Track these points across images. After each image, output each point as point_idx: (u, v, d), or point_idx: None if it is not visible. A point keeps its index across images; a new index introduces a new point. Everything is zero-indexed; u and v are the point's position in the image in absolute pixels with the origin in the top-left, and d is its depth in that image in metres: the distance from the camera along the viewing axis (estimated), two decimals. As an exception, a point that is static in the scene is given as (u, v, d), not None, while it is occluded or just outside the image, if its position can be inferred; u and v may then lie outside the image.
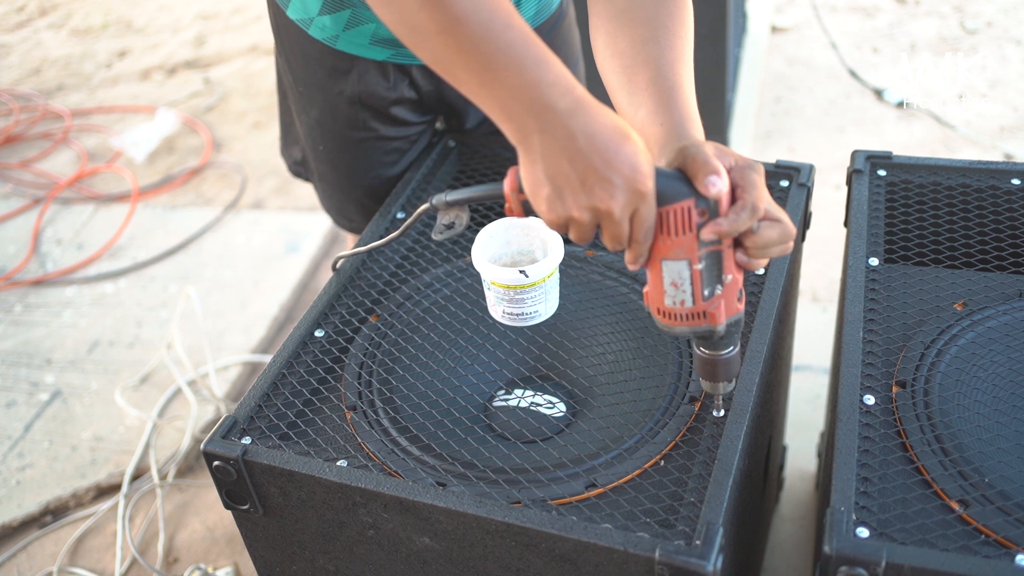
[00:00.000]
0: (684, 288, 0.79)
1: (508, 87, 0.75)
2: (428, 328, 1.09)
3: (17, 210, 2.94)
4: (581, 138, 0.73)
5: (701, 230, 0.77)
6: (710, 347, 0.84)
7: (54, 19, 4.44)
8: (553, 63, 0.76)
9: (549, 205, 0.77)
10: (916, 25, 3.28)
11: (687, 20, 0.98)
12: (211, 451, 0.92)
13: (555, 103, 0.74)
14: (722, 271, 0.79)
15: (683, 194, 0.76)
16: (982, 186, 1.17)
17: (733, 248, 0.79)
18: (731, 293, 0.80)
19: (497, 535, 0.83)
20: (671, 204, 0.76)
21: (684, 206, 0.76)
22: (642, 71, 0.92)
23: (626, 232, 0.77)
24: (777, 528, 1.65)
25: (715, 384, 0.87)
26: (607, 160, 0.73)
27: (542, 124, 0.75)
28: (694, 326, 0.81)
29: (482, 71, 0.75)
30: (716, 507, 0.80)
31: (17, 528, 1.87)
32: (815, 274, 2.24)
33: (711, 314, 0.80)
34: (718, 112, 2.60)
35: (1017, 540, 0.77)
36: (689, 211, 0.76)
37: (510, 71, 0.74)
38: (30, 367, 2.27)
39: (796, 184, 1.20)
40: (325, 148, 1.32)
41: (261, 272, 2.50)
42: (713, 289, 0.79)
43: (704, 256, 0.78)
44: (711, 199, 0.76)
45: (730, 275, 0.79)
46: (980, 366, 0.96)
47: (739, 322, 0.83)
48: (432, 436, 0.95)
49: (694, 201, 0.76)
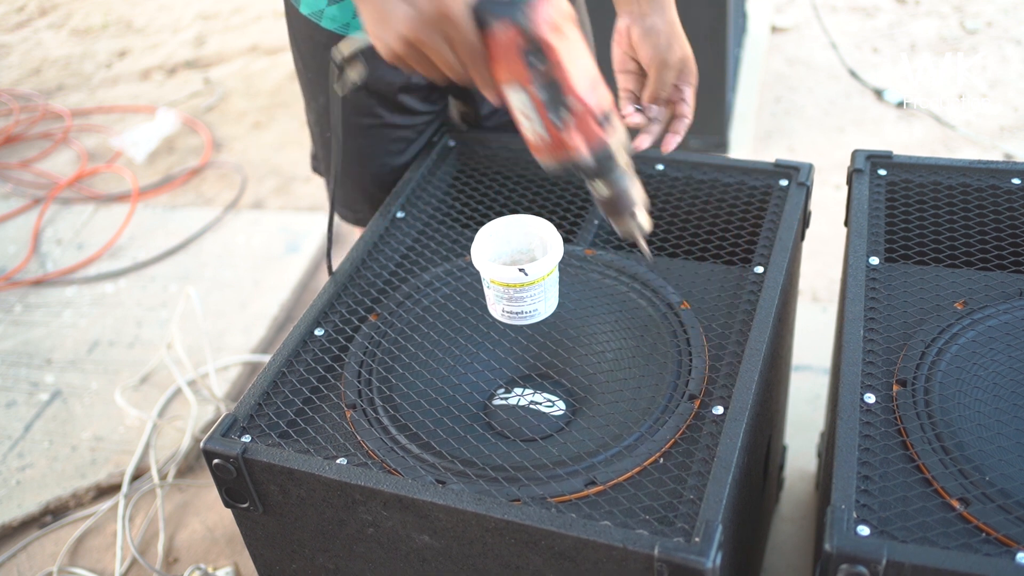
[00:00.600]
0: (533, 118, 0.76)
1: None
2: (428, 327, 1.09)
3: (17, 210, 2.94)
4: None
5: (526, 54, 0.73)
6: (593, 177, 0.80)
7: (54, 19, 4.44)
8: None
9: (379, 45, 0.80)
10: (916, 25, 3.28)
11: None
12: (211, 449, 0.92)
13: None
14: (562, 94, 0.74)
15: (502, 15, 0.73)
16: (982, 186, 1.17)
17: (566, 72, 0.75)
18: (584, 120, 0.75)
19: (497, 533, 0.83)
20: (490, 27, 0.74)
21: (503, 30, 0.73)
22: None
23: (451, 58, 0.76)
24: (777, 528, 1.65)
25: (621, 220, 0.83)
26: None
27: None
28: (561, 160, 0.78)
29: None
30: (715, 505, 0.80)
31: (17, 528, 1.87)
32: (815, 274, 2.24)
33: (568, 144, 0.76)
34: (718, 112, 2.60)
35: (1018, 538, 0.77)
36: (507, 33, 0.73)
37: None
38: (30, 367, 2.27)
39: (796, 183, 1.20)
40: (332, 136, 1.32)
41: (261, 272, 2.50)
42: (559, 115, 0.75)
43: (536, 80, 0.74)
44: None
45: (571, 97, 0.75)
46: (980, 365, 0.96)
47: (608, 151, 0.78)
48: (432, 434, 0.95)
49: (511, 21, 0.73)
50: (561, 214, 1.25)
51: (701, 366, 0.97)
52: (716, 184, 1.23)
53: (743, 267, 1.12)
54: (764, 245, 1.12)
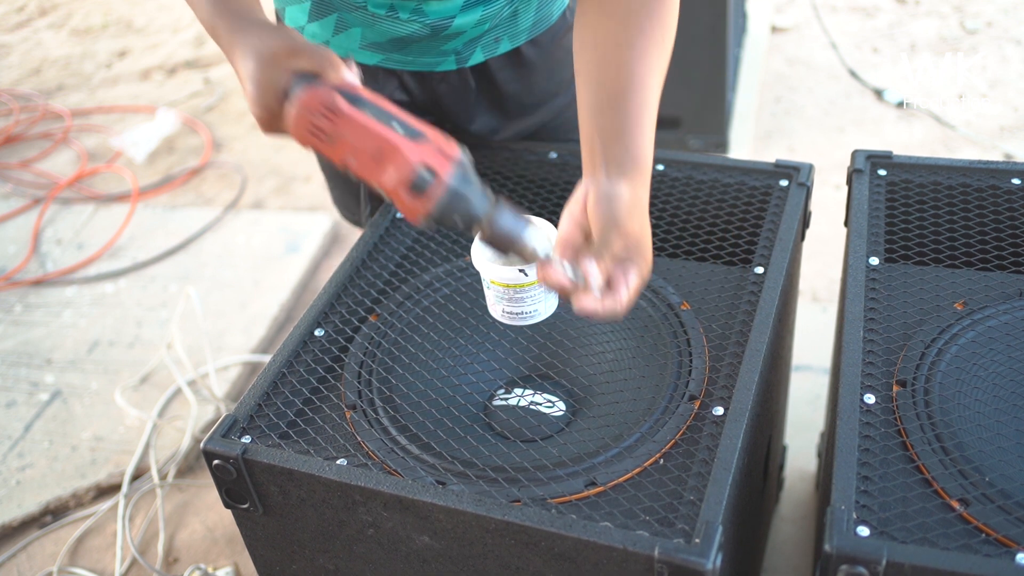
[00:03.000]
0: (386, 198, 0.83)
1: (202, 23, 0.93)
2: (428, 327, 1.09)
3: (17, 210, 2.94)
4: (235, 54, 0.87)
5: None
6: (465, 234, 0.87)
7: (54, 19, 4.44)
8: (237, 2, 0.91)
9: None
10: (916, 25, 3.28)
11: (670, 26, 0.97)
12: (211, 450, 0.92)
13: (228, 35, 0.89)
14: (369, 179, 0.81)
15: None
16: (982, 186, 1.17)
17: (352, 166, 0.80)
18: (398, 199, 0.80)
19: (497, 534, 0.83)
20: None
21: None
22: (614, 75, 0.93)
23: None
24: (777, 528, 1.65)
25: (515, 255, 0.84)
26: (240, 72, 0.86)
27: (220, 46, 0.91)
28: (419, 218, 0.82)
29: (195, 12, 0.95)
30: (715, 505, 0.80)
31: (17, 528, 1.87)
32: (815, 274, 2.24)
33: (410, 218, 0.81)
34: (718, 112, 2.60)
35: (1018, 539, 0.77)
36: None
37: (199, 10, 0.93)
38: (30, 367, 2.27)
39: (796, 184, 1.20)
40: None
41: (261, 272, 2.50)
42: (384, 195, 0.81)
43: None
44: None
45: (379, 187, 0.80)
46: (980, 365, 0.96)
47: (444, 211, 0.80)
48: (432, 435, 0.95)
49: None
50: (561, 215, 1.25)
51: (701, 367, 0.97)
52: (716, 184, 1.23)
53: (743, 267, 1.12)
54: (764, 246, 1.12)
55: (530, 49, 1.24)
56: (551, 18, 1.24)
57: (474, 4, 1.13)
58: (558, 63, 1.28)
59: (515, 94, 1.28)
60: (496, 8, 1.15)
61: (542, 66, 1.27)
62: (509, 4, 1.16)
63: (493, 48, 1.22)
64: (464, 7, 1.13)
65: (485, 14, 1.15)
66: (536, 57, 1.26)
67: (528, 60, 1.25)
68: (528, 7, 1.19)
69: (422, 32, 1.15)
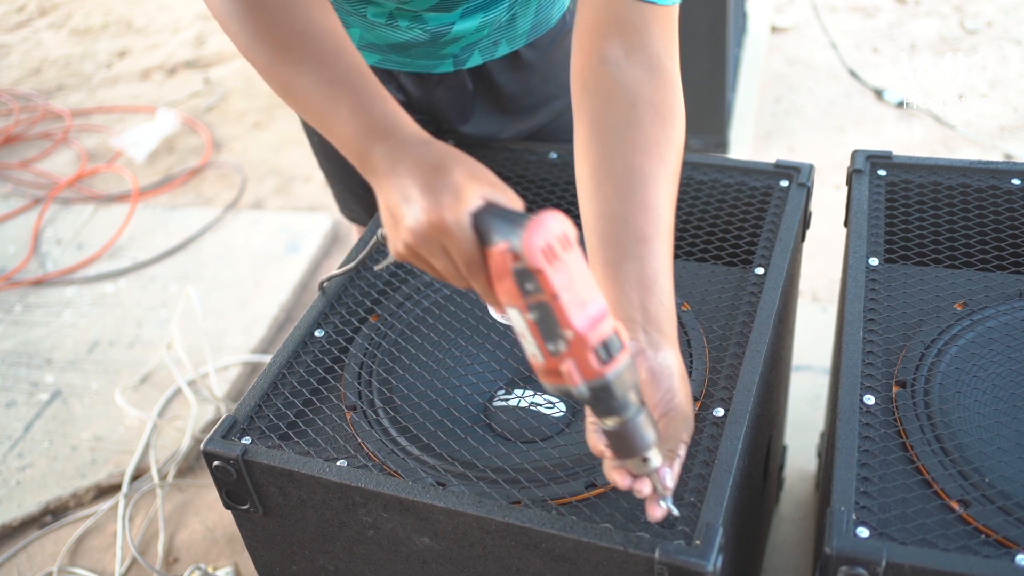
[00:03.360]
0: (529, 340, 0.71)
1: (339, 138, 0.82)
2: (428, 328, 1.09)
3: (17, 210, 2.94)
4: (395, 172, 0.75)
5: (521, 281, 0.68)
6: (602, 417, 0.73)
7: (54, 19, 4.44)
8: (378, 106, 0.80)
9: (389, 240, 0.79)
10: (916, 25, 3.28)
11: (681, 151, 0.93)
12: (211, 451, 0.92)
13: (377, 144, 0.78)
14: (557, 325, 0.68)
15: (501, 235, 0.69)
16: (982, 186, 1.17)
17: (562, 300, 0.68)
18: (579, 351, 0.69)
19: (497, 535, 0.83)
20: (491, 246, 0.70)
21: (500, 249, 0.69)
22: (641, 216, 0.87)
23: (451, 268, 0.73)
24: (777, 528, 1.65)
25: (629, 463, 0.75)
26: (411, 194, 0.73)
27: (371, 163, 0.79)
28: (555, 384, 0.72)
29: (321, 125, 0.84)
30: (716, 507, 0.80)
31: (17, 528, 1.87)
32: (815, 274, 2.24)
33: (563, 373, 0.70)
34: (718, 112, 2.60)
35: (1017, 540, 0.77)
36: (504, 255, 0.69)
37: (336, 125, 0.81)
38: (30, 367, 2.27)
39: (796, 184, 1.20)
40: (320, 140, 1.33)
41: (261, 272, 2.50)
42: (556, 345, 0.69)
43: (532, 306, 0.69)
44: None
45: (569, 331, 0.68)
46: (980, 366, 0.96)
47: (607, 387, 0.70)
48: (432, 436, 0.95)
49: (508, 244, 0.68)
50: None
51: (701, 368, 0.97)
52: (716, 185, 1.23)
53: (743, 268, 1.12)
54: (764, 246, 1.12)
55: (529, 52, 1.24)
56: (550, 21, 1.24)
57: (473, 11, 1.13)
58: (557, 66, 1.28)
59: (513, 96, 1.28)
60: (496, 14, 1.15)
61: (541, 69, 1.27)
62: (508, 9, 1.16)
63: (491, 51, 1.21)
64: (463, 14, 1.13)
65: (485, 20, 1.15)
66: (535, 60, 1.25)
67: (527, 63, 1.25)
68: (526, 11, 1.19)
69: (422, 38, 1.15)
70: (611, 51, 0.92)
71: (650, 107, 0.91)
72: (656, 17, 0.92)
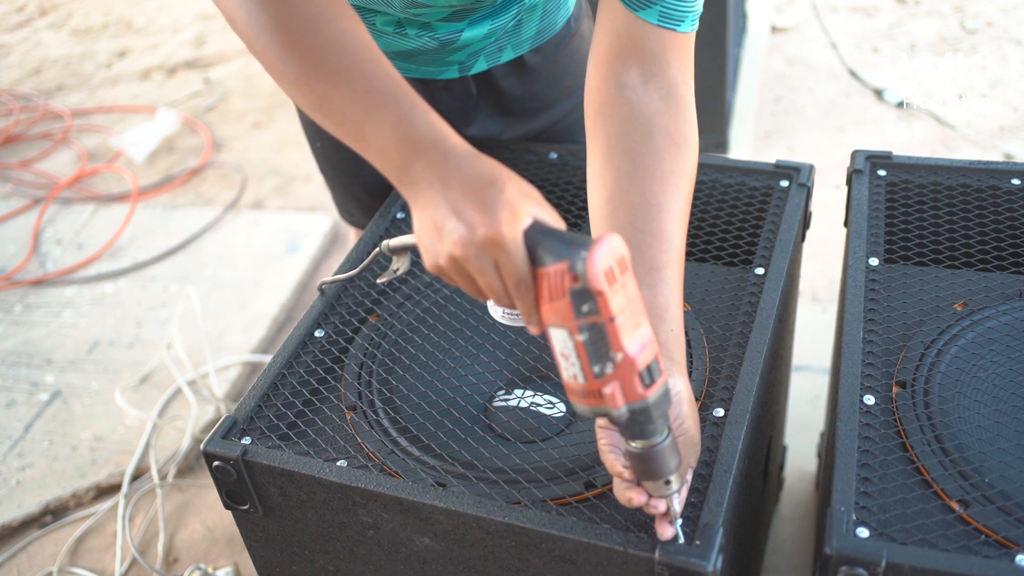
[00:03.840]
0: (572, 361, 0.70)
1: (377, 150, 0.78)
2: (428, 328, 1.09)
3: (17, 210, 2.94)
4: (444, 185, 0.73)
5: (579, 302, 0.67)
6: (631, 439, 0.73)
7: (54, 19, 4.44)
8: (421, 118, 0.77)
9: (425, 255, 0.75)
10: (916, 25, 3.28)
11: (694, 179, 0.93)
12: (211, 451, 0.92)
13: (421, 156, 0.75)
14: (609, 347, 0.68)
15: (558, 255, 0.68)
16: (982, 186, 1.17)
17: (618, 323, 0.68)
18: (626, 374, 0.69)
19: (497, 535, 0.83)
20: (544, 266, 0.69)
21: (557, 269, 0.68)
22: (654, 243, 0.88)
23: (498, 285, 0.71)
24: (777, 528, 1.65)
25: (651, 484, 0.75)
26: (464, 205, 0.71)
27: (413, 176, 0.75)
28: (593, 406, 0.71)
29: (357, 137, 0.80)
30: (716, 508, 0.80)
31: (17, 528, 1.87)
32: (815, 274, 2.24)
33: (605, 396, 0.70)
34: (718, 112, 2.60)
35: (1017, 540, 0.77)
36: (562, 275, 0.67)
37: (375, 136, 0.77)
38: (30, 367, 2.27)
39: (796, 184, 1.20)
40: (322, 145, 1.33)
41: (261, 272, 2.50)
42: (603, 367, 0.69)
43: (585, 327, 0.68)
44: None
45: (620, 353, 0.68)
46: (980, 366, 0.96)
47: (647, 410, 0.71)
48: (432, 436, 0.95)
49: (567, 265, 0.67)
50: (561, 215, 1.25)
51: (702, 368, 0.97)
52: (716, 185, 1.23)
53: (743, 268, 1.12)
54: (765, 246, 1.12)
55: (533, 57, 1.24)
56: (555, 27, 1.24)
57: (481, 18, 1.13)
58: (561, 70, 1.28)
59: (517, 100, 1.28)
60: (504, 21, 1.15)
61: (545, 73, 1.27)
62: (515, 16, 1.16)
63: (496, 57, 1.21)
64: (472, 22, 1.13)
65: (493, 27, 1.15)
66: (539, 64, 1.25)
67: (531, 68, 1.25)
68: (532, 17, 1.19)
69: (430, 46, 1.15)
70: (628, 77, 0.93)
71: (666, 135, 0.91)
72: (675, 44, 0.92)
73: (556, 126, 1.33)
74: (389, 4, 1.07)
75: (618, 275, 0.67)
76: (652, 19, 0.90)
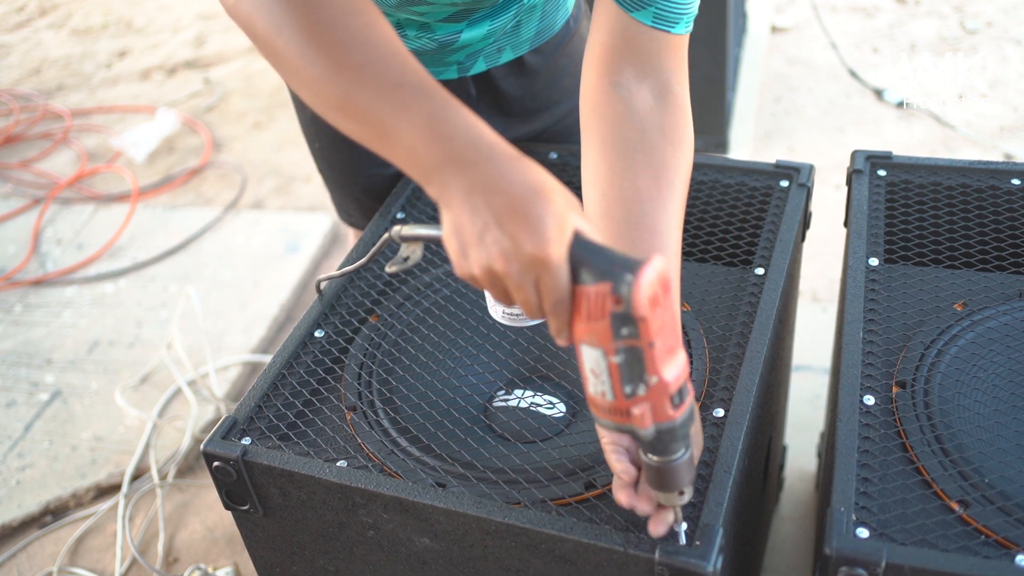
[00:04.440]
0: (603, 379, 0.69)
1: (405, 148, 0.73)
2: (428, 328, 1.09)
3: (17, 210, 2.94)
4: (484, 192, 0.68)
5: (618, 325, 0.66)
6: (650, 452, 0.73)
7: (54, 19, 4.44)
8: (455, 115, 0.72)
9: (456, 259, 0.72)
10: (916, 25, 3.28)
11: (689, 175, 0.93)
12: (211, 452, 0.92)
13: (458, 155, 0.70)
14: (645, 370, 0.67)
15: (600, 275, 0.66)
16: (982, 186, 1.17)
17: (657, 348, 0.67)
18: (659, 396, 0.68)
19: (497, 536, 0.83)
20: (585, 283, 0.67)
21: (599, 290, 0.66)
22: (648, 239, 0.88)
23: (534, 300, 0.69)
24: (777, 528, 1.65)
25: (664, 494, 0.75)
26: (508, 217, 0.67)
27: (446, 179, 0.71)
28: (618, 423, 0.71)
29: (383, 135, 0.74)
30: (716, 508, 0.80)
31: (17, 528, 1.87)
32: (815, 274, 2.24)
33: (634, 415, 0.69)
34: (718, 112, 2.60)
35: (1017, 540, 0.77)
36: (604, 297, 0.66)
37: (405, 133, 0.72)
38: (30, 367, 2.27)
39: (796, 184, 1.20)
40: (321, 146, 1.33)
41: (261, 272, 2.50)
42: (635, 388, 0.68)
43: (622, 349, 0.67)
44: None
45: (655, 376, 0.67)
46: (980, 366, 0.96)
47: (673, 430, 0.71)
48: (432, 437, 0.95)
49: (611, 286, 0.65)
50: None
51: (702, 368, 0.97)
52: (716, 185, 1.23)
53: (743, 269, 1.12)
54: (765, 247, 1.12)
55: (532, 58, 1.24)
56: (554, 27, 1.24)
57: (480, 19, 1.13)
58: (560, 71, 1.28)
59: (517, 101, 1.28)
60: (503, 21, 1.15)
61: (544, 74, 1.27)
62: (514, 17, 1.16)
63: (495, 58, 1.21)
64: (471, 23, 1.13)
65: (492, 28, 1.15)
66: (539, 65, 1.25)
67: (530, 68, 1.25)
68: (531, 18, 1.19)
69: (428, 47, 1.15)
70: (623, 76, 0.93)
71: (659, 132, 0.91)
72: (668, 44, 0.92)
73: (556, 126, 1.33)
74: (387, 4, 1.07)
75: (661, 299, 0.66)
76: (647, 20, 0.90)
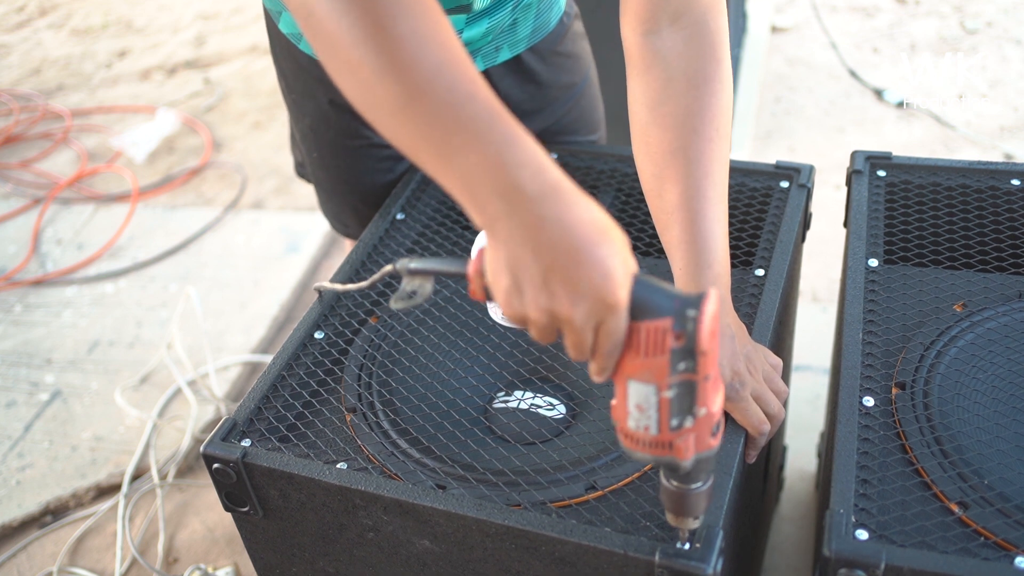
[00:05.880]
0: (649, 414, 0.68)
1: (470, 166, 0.67)
2: (428, 330, 1.09)
3: (17, 210, 2.94)
4: (550, 228, 0.65)
5: (677, 360, 0.66)
6: (676, 479, 0.74)
7: (54, 19, 4.44)
8: (523, 142, 0.68)
9: (507, 298, 0.69)
10: (916, 25, 3.28)
11: (723, 117, 0.94)
12: (211, 453, 0.92)
13: (523, 186, 0.66)
14: (695, 403, 0.67)
15: (660, 312, 0.66)
16: (982, 186, 1.17)
17: (710, 381, 0.67)
18: (703, 427, 0.69)
19: (497, 538, 0.83)
20: (644, 320, 0.66)
21: (658, 326, 0.66)
22: (672, 187, 0.92)
23: (589, 343, 0.67)
24: (777, 528, 1.65)
25: (679, 519, 0.76)
26: (576, 259, 0.64)
27: (507, 208, 0.66)
28: (657, 455, 0.70)
29: (443, 148, 0.68)
30: (716, 510, 0.80)
31: (17, 528, 1.87)
32: (815, 274, 2.24)
33: (677, 447, 0.69)
34: (718, 112, 2.60)
35: (1017, 542, 0.77)
36: (664, 333, 0.65)
37: (472, 148, 0.67)
38: (30, 367, 2.27)
39: (796, 185, 1.20)
40: (320, 155, 1.32)
41: (261, 272, 2.50)
42: (682, 420, 0.68)
43: (675, 384, 0.66)
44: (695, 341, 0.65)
45: (704, 408, 0.68)
46: (980, 367, 0.96)
47: (710, 459, 0.72)
48: (432, 438, 0.95)
49: (671, 322, 0.65)
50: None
51: (701, 369, 0.97)
52: (716, 186, 1.23)
53: (744, 269, 1.12)
54: (765, 247, 1.12)
55: (530, 56, 1.24)
56: (549, 25, 1.24)
57: (479, 16, 1.13)
58: (558, 68, 1.28)
59: (516, 101, 1.28)
60: (500, 18, 1.15)
61: (542, 72, 1.27)
62: (511, 14, 1.16)
63: (493, 57, 1.21)
64: (469, 20, 1.13)
65: (490, 26, 1.15)
66: (536, 64, 1.25)
67: (528, 67, 1.25)
68: (527, 16, 1.19)
69: None
70: (658, 21, 0.95)
71: (683, 79, 0.93)
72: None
73: (554, 126, 1.33)
74: None
75: (719, 332, 0.67)
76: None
